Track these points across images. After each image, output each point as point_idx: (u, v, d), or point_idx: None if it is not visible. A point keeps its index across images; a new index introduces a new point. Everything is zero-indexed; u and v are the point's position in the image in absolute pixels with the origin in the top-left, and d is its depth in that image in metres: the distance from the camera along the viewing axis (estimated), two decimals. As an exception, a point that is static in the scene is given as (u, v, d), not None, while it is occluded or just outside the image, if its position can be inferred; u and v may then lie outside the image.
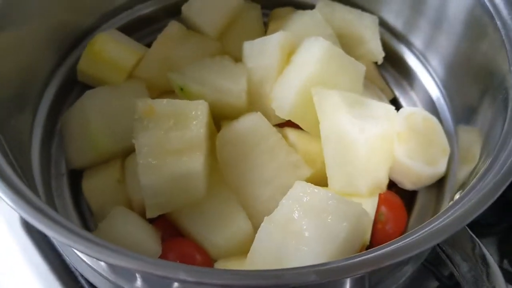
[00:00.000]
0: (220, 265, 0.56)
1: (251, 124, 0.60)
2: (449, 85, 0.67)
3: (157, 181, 0.54)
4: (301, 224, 0.50)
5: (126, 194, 0.62)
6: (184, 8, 0.71)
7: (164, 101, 0.58)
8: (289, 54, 0.65)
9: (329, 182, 0.59)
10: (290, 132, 0.63)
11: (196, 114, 0.57)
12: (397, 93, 0.74)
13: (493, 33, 0.57)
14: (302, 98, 0.60)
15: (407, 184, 0.62)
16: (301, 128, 0.64)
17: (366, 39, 0.70)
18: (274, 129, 0.61)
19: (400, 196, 0.63)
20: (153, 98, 0.62)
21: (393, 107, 0.62)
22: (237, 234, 0.57)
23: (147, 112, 0.57)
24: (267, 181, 0.59)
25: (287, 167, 0.59)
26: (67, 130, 0.65)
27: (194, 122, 0.57)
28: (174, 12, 0.76)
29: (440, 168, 0.61)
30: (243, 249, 0.57)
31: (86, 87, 0.68)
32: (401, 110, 0.63)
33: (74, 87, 0.70)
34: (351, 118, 0.58)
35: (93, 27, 0.72)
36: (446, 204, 0.60)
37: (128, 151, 0.63)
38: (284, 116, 0.61)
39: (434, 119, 0.64)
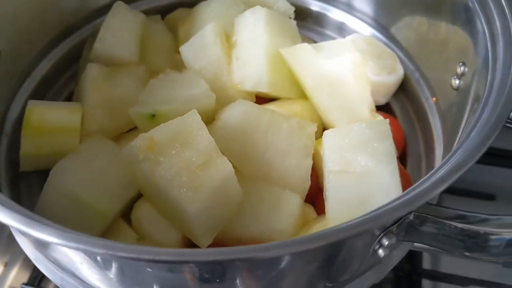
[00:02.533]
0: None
1: (240, 113, 0.59)
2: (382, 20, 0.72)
3: (203, 203, 0.50)
4: (358, 161, 0.52)
5: (152, 245, 0.56)
6: (97, 45, 0.65)
7: (158, 128, 0.53)
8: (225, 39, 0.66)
9: (334, 123, 0.61)
10: (269, 106, 0.63)
11: (195, 125, 0.54)
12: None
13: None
14: (272, 65, 0.61)
15: (380, 99, 0.68)
16: (268, 101, 0.66)
17: (271, 2, 0.73)
18: (262, 106, 0.60)
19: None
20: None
21: (345, 39, 0.66)
22: (294, 209, 0.56)
23: (150, 147, 0.52)
24: (285, 153, 0.59)
25: (294, 132, 0.59)
26: (52, 218, 0.55)
27: (199, 132, 0.54)
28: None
29: (399, 72, 0.68)
30: (303, 224, 0.57)
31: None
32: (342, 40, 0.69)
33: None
34: (327, 60, 0.61)
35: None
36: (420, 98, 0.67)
37: (128, 205, 0.58)
38: (265, 89, 0.61)
39: (370, 37, 0.70)
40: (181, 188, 0.50)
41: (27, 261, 0.92)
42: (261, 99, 0.65)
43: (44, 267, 0.52)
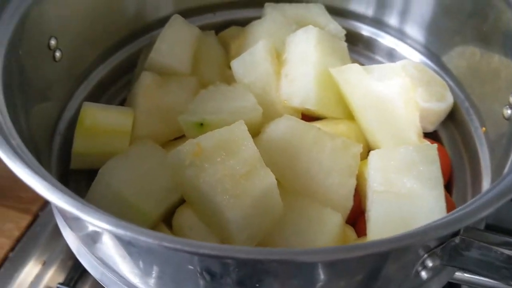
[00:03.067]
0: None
1: (285, 127, 0.60)
2: (434, 47, 0.73)
3: (243, 211, 0.51)
4: (404, 183, 0.52)
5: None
6: (153, 55, 0.68)
7: (206, 135, 0.55)
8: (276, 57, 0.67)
9: (380, 145, 0.61)
10: (315, 124, 0.64)
11: (241, 135, 0.55)
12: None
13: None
14: (320, 84, 0.62)
15: (428, 125, 0.67)
16: (314, 119, 0.67)
17: (322, 24, 0.74)
18: (307, 123, 0.61)
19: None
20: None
21: (395, 64, 0.67)
22: (334, 228, 0.55)
23: (196, 153, 0.53)
24: (328, 171, 0.58)
25: (339, 151, 0.59)
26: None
27: (244, 143, 0.55)
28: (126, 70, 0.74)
29: (449, 100, 0.67)
30: (342, 240, 0.57)
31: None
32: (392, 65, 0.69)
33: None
34: (376, 82, 0.61)
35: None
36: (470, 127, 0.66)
37: (170, 210, 0.59)
38: (313, 106, 0.62)
39: (421, 63, 0.70)
40: (224, 194, 0.51)
41: (64, 262, 0.94)
42: (307, 118, 0.66)
43: (86, 261, 0.53)
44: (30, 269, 0.92)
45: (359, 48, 0.79)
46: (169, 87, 0.67)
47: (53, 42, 0.59)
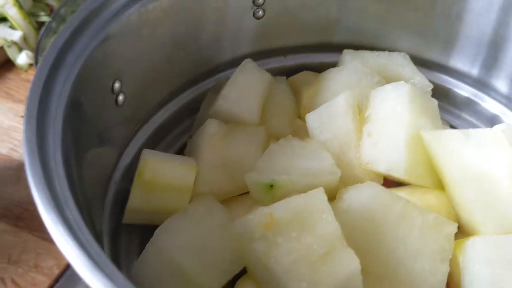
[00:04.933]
0: None
1: (368, 197, 0.52)
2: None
3: (321, 303, 0.43)
4: (509, 281, 0.43)
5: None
6: (220, 101, 0.62)
7: (279, 204, 0.48)
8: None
9: (477, 227, 0.52)
10: (400, 192, 0.56)
11: (320, 206, 0.48)
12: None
13: None
14: (411, 149, 0.54)
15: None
16: (397, 185, 0.59)
17: (407, 76, 0.67)
18: (394, 192, 0.53)
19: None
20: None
21: (494, 130, 0.58)
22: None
23: (268, 225, 0.46)
24: (417, 254, 0.50)
25: (430, 229, 0.51)
26: (148, 283, 0.51)
27: (323, 216, 0.48)
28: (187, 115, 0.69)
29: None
30: None
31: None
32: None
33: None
34: (475, 151, 0.53)
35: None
36: None
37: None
38: (402, 175, 0.54)
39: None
40: (299, 281, 0.43)
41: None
42: (387, 182, 0.58)
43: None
44: (69, 312, 0.86)
45: (443, 103, 0.71)
46: (236, 138, 0.60)
47: (117, 85, 0.54)
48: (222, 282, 0.50)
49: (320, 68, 0.71)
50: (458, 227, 0.55)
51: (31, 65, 1.26)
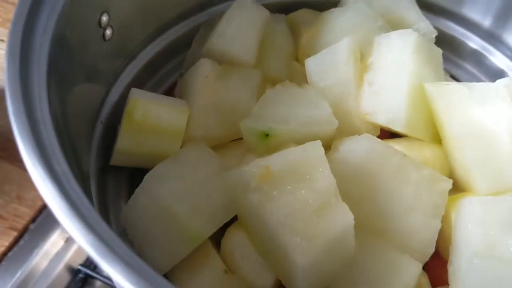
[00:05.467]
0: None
1: (365, 149, 0.51)
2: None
3: (314, 256, 0.43)
4: (507, 245, 0.43)
5: (241, 283, 0.50)
6: (216, 39, 0.58)
7: (276, 156, 0.46)
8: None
9: (472, 184, 0.52)
10: (396, 145, 0.55)
11: (316, 160, 0.47)
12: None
13: None
14: (412, 101, 0.52)
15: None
16: (393, 136, 0.57)
17: (411, 21, 0.64)
18: (391, 146, 0.52)
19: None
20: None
21: (497, 84, 0.56)
22: (411, 280, 0.47)
23: (264, 176, 0.45)
24: (411, 209, 0.50)
25: (425, 185, 0.50)
26: (137, 229, 0.50)
27: (320, 169, 0.46)
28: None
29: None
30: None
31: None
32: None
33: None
34: (479, 107, 0.51)
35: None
36: None
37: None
38: (401, 128, 0.52)
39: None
40: (294, 234, 0.43)
41: (88, 241, 0.88)
42: (384, 133, 0.57)
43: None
44: (52, 244, 0.86)
45: (455, 57, 0.68)
46: (230, 81, 0.57)
47: (104, 18, 0.50)
48: (213, 229, 0.50)
49: (321, 6, 0.67)
50: (452, 183, 0.55)
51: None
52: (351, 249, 0.46)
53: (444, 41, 0.65)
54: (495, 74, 0.66)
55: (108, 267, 0.31)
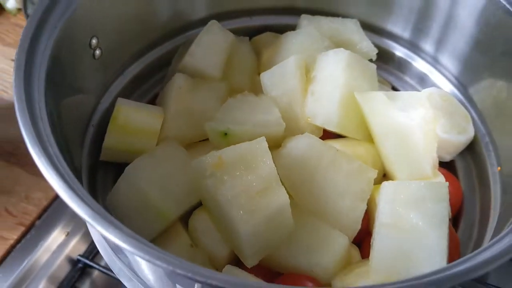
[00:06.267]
0: (339, 285, 0.57)
1: (305, 145, 0.62)
2: (463, 78, 0.73)
3: (255, 227, 0.54)
4: (410, 218, 0.54)
5: (203, 255, 0.61)
6: (187, 58, 0.70)
7: (228, 149, 0.58)
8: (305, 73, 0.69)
9: (395, 174, 0.63)
10: (334, 144, 0.66)
11: (261, 152, 0.58)
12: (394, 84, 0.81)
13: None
14: (344, 107, 0.64)
15: (445, 156, 0.69)
16: (337, 137, 0.69)
17: (355, 41, 0.76)
18: (327, 143, 0.63)
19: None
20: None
21: (421, 93, 0.68)
22: (340, 250, 0.58)
23: (217, 165, 0.57)
24: (342, 194, 0.61)
25: (354, 174, 0.62)
26: (119, 210, 0.61)
27: (263, 159, 0.58)
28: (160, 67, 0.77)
29: (469, 133, 0.68)
30: (346, 264, 0.59)
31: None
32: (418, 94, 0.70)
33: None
34: (399, 111, 0.63)
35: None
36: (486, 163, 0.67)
37: (188, 211, 0.62)
38: (334, 128, 0.64)
39: (447, 93, 0.71)
40: (238, 209, 0.54)
41: (86, 235, 0.99)
42: (329, 134, 0.68)
43: (107, 257, 0.57)
44: (54, 238, 0.97)
45: (390, 67, 0.80)
46: (200, 91, 0.70)
47: (94, 41, 0.62)
48: (181, 211, 0.61)
49: (283, 30, 0.79)
50: (384, 175, 0.66)
51: (19, 9, 1.32)
52: (289, 224, 0.57)
53: (382, 55, 0.77)
54: (420, 77, 0.78)
55: (103, 230, 0.41)
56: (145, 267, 0.50)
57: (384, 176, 0.67)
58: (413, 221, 0.53)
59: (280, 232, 0.57)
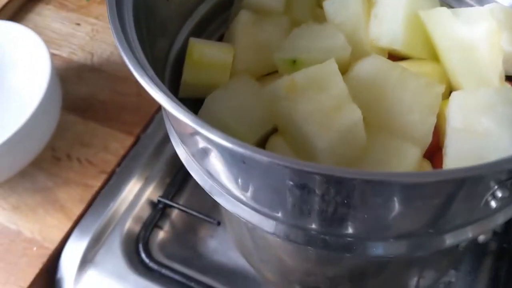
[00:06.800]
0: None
1: (372, 66, 0.65)
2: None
3: (330, 140, 0.58)
4: (481, 123, 0.56)
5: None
6: (248, -6, 0.74)
7: (300, 72, 0.61)
8: (367, -2, 0.71)
9: (463, 86, 0.64)
10: (400, 63, 0.68)
11: (331, 72, 0.61)
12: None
13: None
14: (408, 25, 0.65)
15: (511, 69, 0.69)
16: (401, 59, 0.70)
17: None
18: (393, 62, 0.65)
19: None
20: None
21: (483, 8, 0.68)
22: (412, 161, 0.60)
23: (290, 87, 0.60)
24: (410, 109, 0.63)
25: (421, 90, 0.63)
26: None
27: (334, 79, 0.61)
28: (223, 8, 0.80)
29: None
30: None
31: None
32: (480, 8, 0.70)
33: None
34: (463, 26, 0.64)
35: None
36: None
37: (264, 138, 0.66)
38: (400, 46, 0.66)
39: (509, 8, 0.71)
40: (314, 125, 0.58)
41: (163, 179, 1.07)
42: (393, 58, 0.70)
43: (196, 173, 0.63)
44: (134, 184, 1.06)
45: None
46: (265, 25, 0.73)
47: (165, -19, 0.66)
48: (257, 136, 0.65)
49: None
50: (451, 92, 0.68)
51: (77, -23, 1.38)
52: (362, 138, 0.60)
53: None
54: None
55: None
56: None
57: (451, 93, 0.68)
58: (484, 125, 0.55)
59: (354, 147, 0.60)
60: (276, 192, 0.54)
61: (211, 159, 0.56)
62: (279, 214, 0.57)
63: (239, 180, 0.55)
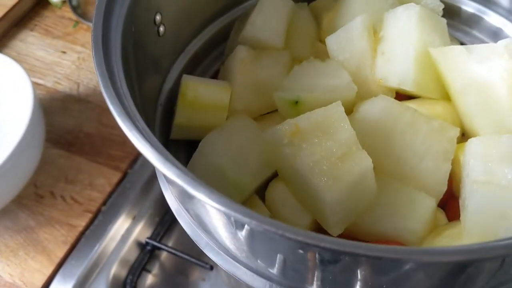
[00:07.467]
0: (429, 248, 0.55)
1: (380, 108, 0.60)
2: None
3: (339, 193, 0.52)
4: (504, 173, 0.51)
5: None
6: (248, 27, 0.69)
7: (304, 116, 0.56)
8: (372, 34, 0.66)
9: (477, 131, 0.60)
10: (410, 104, 0.63)
11: (338, 116, 0.56)
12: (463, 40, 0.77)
13: None
14: (419, 64, 0.61)
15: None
16: (408, 97, 0.66)
17: (420, -3, 0.72)
18: (403, 103, 0.61)
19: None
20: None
21: (497, 44, 0.64)
22: (427, 212, 0.56)
23: (294, 133, 0.55)
24: (423, 155, 0.58)
25: (435, 134, 0.59)
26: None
27: (341, 124, 0.56)
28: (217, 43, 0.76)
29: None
30: (432, 227, 0.57)
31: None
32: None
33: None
34: (477, 64, 0.59)
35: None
36: None
37: (263, 183, 0.61)
38: (410, 87, 0.61)
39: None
40: (321, 176, 0.52)
41: (152, 218, 1.01)
42: (401, 96, 0.65)
43: (183, 220, 0.57)
44: (121, 223, 0.99)
45: (457, 23, 0.76)
46: (263, 62, 0.68)
47: (158, 17, 0.61)
48: (257, 183, 0.60)
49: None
50: (463, 134, 0.63)
51: (64, 2, 1.33)
52: (372, 189, 0.55)
53: (450, 11, 0.73)
54: (494, 34, 0.73)
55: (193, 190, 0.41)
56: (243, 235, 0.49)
57: (463, 135, 0.64)
58: (508, 176, 0.50)
59: (363, 198, 0.55)
60: (269, 251, 0.48)
61: (199, 209, 0.51)
62: (274, 272, 0.51)
63: (233, 241, 0.49)
